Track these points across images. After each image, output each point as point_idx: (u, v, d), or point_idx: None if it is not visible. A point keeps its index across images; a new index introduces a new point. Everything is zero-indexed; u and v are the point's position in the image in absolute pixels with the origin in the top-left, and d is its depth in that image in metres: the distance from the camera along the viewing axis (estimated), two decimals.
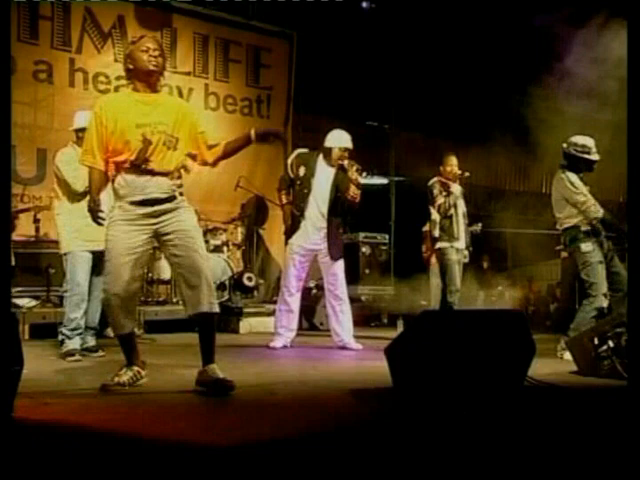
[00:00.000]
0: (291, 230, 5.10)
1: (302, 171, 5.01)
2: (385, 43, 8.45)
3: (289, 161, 5.18)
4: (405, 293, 7.75)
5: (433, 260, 7.34)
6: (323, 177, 5.04)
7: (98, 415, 2.40)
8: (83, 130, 4.08)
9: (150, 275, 6.37)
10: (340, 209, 5.04)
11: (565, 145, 4.69)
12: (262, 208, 7.92)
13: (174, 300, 6.59)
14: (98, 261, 4.10)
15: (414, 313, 4.84)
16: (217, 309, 3.03)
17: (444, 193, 5.55)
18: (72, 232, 4.15)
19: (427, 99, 8.77)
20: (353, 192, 4.86)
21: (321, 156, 5.08)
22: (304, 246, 5.03)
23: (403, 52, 8.51)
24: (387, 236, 8.80)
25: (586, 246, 4.48)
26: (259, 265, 7.96)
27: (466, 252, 5.71)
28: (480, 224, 6.52)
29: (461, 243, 5.62)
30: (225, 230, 7.31)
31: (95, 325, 4.43)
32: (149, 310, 6.11)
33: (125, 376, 3.06)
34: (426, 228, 7.68)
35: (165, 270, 6.40)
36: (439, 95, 8.71)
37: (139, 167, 3.01)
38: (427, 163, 6.70)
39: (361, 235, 8.43)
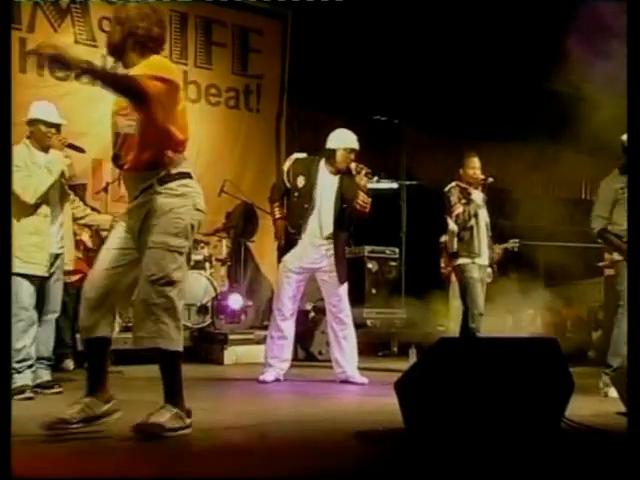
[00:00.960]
0: (285, 248, 5.14)
1: (301, 181, 5.07)
2: (395, 25, 8.40)
3: (285, 168, 5.21)
4: (419, 317, 7.77)
5: (454, 278, 7.39)
6: (326, 185, 5.09)
7: (48, 468, 2.32)
8: (37, 122, 4.03)
9: None
10: (347, 222, 5.10)
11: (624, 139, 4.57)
12: (251, 217, 7.96)
13: None
14: (40, 288, 4.06)
15: (429, 341, 4.88)
16: (167, 344, 2.91)
17: (463, 200, 5.59)
18: (14, 250, 3.96)
19: (444, 89, 8.74)
20: (363, 200, 4.91)
21: (323, 161, 5.11)
22: (301, 264, 5.09)
23: (416, 35, 8.47)
24: (397, 250, 8.85)
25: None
26: (247, 284, 7.98)
27: (489, 270, 5.74)
28: (517, 240, 6.54)
29: (484, 259, 5.66)
30: (207, 243, 7.34)
31: (49, 355, 4.28)
32: (118, 338, 5.86)
33: (78, 410, 2.89)
34: (444, 239, 7.84)
35: None
36: (459, 85, 8.69)
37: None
38: (444, 165, 6.65)
39: (367, 249, 8.48)
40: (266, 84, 8.71)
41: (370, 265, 8.41)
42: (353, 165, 5.03)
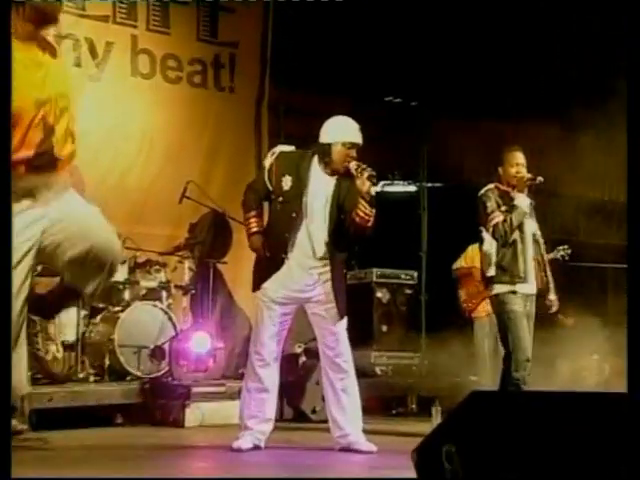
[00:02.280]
0: (263, 272, 5.19)
1: (287, 183, 5.13)
2: None
3: (266, 164, 5.27)
4: (444, 363, 7.78)
5: (482, 312, 7.59)
6: (319, 189, 5.15)
7: None
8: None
9: (40, 334, 6.26)
10: (347, 237, 5.16)
11: None
12: (222, 231, 8.05)
13: (80, 375, 6.59)
14: None
15: (458, 395, 4.72)
16: None
17: (503, 208, 5.65)
18: None
19: (478, 59, 8.78)
20: (364, 211, 4.95)
21: (316, 159, 5.18)
22: (286, 293, 5.13)
23: None
24: (415, 274, 8.90)
25: None
26: (217, 319, 8.05)
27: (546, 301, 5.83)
28: (566, 247, 6.59)
29: (530, 286, 5.68)
30: (164, 265, 7.41)
31: None
32: (39, 393, 5.91)
33: None
34: (463, 264, 8.04)
35: (68, 327, 6.37)
36: (498, 52, 8.71)
37: None
38: (478, 161, 6.99)
39: (375, 273, 8.52)
40: (242, 55, 8.73)
41: (380, 294, 8.50)
42: (353, 165, 5.04)
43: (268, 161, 5.23)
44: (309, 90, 8.87)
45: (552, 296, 5.90)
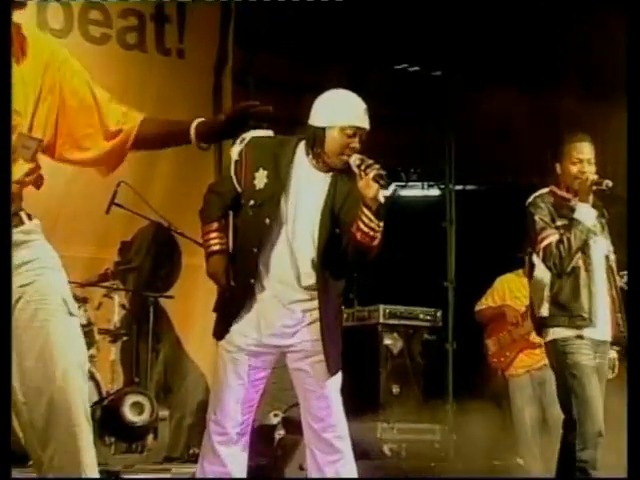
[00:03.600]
0: (228, 309, 5.20)
1: (261, 180, 5.16)
2: None
3: (233, 154, 5.29)
4: (478, 438, 7.86)
5: (519, 368, 7.85)
6: (306, 191, 5.17)
7: None
8: None
9: None
10: (342, 260, 5.13)
11: None
12: (167, 251, 8.16)
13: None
14: None
15: None
16: None
17: (560, 222, 5.69)
18: None
19: (524, 15, 8.89)
20: (368, 224, 4.88)
21: (302, 148, 5.22)
22: (258, 338, 5.10)
23: None
24: (439, 312, 9.09)
25: None
26: (159, 377, 8.11)
27: (614, 352, 5.83)
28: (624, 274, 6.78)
29: (601, 330, 5.69)
30: (85, 301, 7.37)
31: None
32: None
33: None
34: (490, 302, 8.24)
35: None
36: (551, 5, 8.90)
37: None
38: (527, 154, 7.05)
39: (383, 311, 8.70)
40: (196, 5, 8.78)
41: (389, 341, 8.67)
42: (355, 159, 4.97)
43: (236, 150, 5.19)
44: (291, 55, 8.95)
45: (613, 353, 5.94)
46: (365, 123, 5.08)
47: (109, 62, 8.44)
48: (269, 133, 5.19)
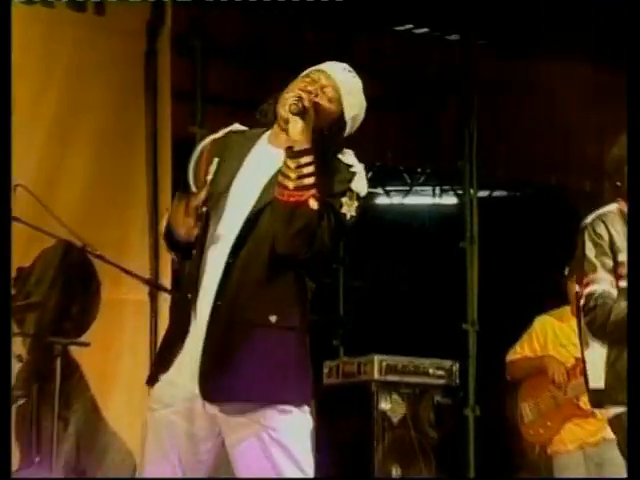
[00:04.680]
0: (166, 347, 5.14)
1: (212, 173, 5.29)
2: None
3: (196, 152, 5.38)
4: None
5: (567, 442, 8.05)
6: (254, 174, 5.24)
7: None
8: None
9: None
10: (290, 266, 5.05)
11: None
12: (80, 281, 8.43)
13: None
14: None
15: None
16: None
17: (621, 257, 5.68)
18: None
19: None
20: (284, 171, 5.00)
21: (272, 132, 5.28)
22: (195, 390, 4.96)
23: None
24: (456, 366, 9.47)
25: None
26: (69, 456, 8.40)
27: None
28: None
29: None
30: None
31: None
32: None
33: None
34: (526, 351, 8.45)
35: None
36: None
37: None
38: (575, 149, 6.71)
39: (379, 363, 9.00)
40: None
41: (387, 405, 8.99)
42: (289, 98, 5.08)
43: (196, 154, 5.40)
44: (253, 13, 9.32)
45: None
46: (333, 72, 5.26)
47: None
48: (242, 129, 5.47)
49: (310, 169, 5.11)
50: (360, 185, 5.34)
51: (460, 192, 10.16)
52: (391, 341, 9.15)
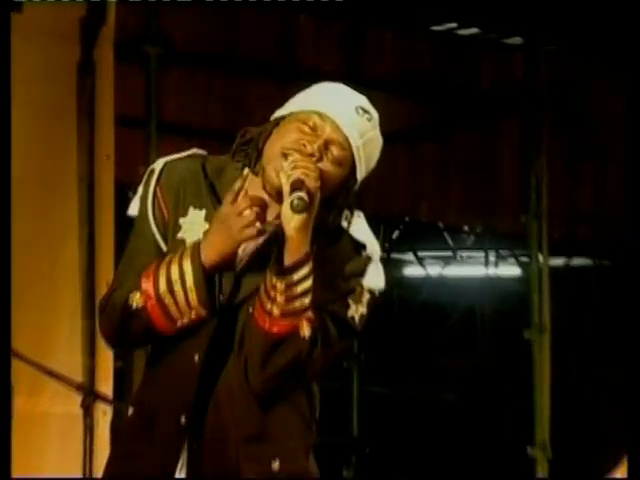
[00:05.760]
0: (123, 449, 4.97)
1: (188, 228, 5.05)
2: None
3: (148, 195, 5.02)
4: None
5: None
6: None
7: None
8: None
9: None
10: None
11: None
12: None
13: None
14: None
15: None
16: None
17: None
18: None
19: None
20: (268, 283, 4.69)
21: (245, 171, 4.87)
22: None
23: None
24: None
25: None
26: None
27: None
28: None
29: None
30: None
31: None
32: None
33: None
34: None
35: None
36: None
37: None
38: None
39: None
40: None
41: None
42: (286, 165, 4.52)
43: (149, 189, 4.93)
44: (223, 10, 9.54)
45: None
46: (342, 118, 4.57)
47: None
48: (201, 153, 4.97)
49: (306, 285, 4.47)
50: (375, 280, 4.68)
51: (524, 259, 9.46)
52: (425, 472, 7.95)
